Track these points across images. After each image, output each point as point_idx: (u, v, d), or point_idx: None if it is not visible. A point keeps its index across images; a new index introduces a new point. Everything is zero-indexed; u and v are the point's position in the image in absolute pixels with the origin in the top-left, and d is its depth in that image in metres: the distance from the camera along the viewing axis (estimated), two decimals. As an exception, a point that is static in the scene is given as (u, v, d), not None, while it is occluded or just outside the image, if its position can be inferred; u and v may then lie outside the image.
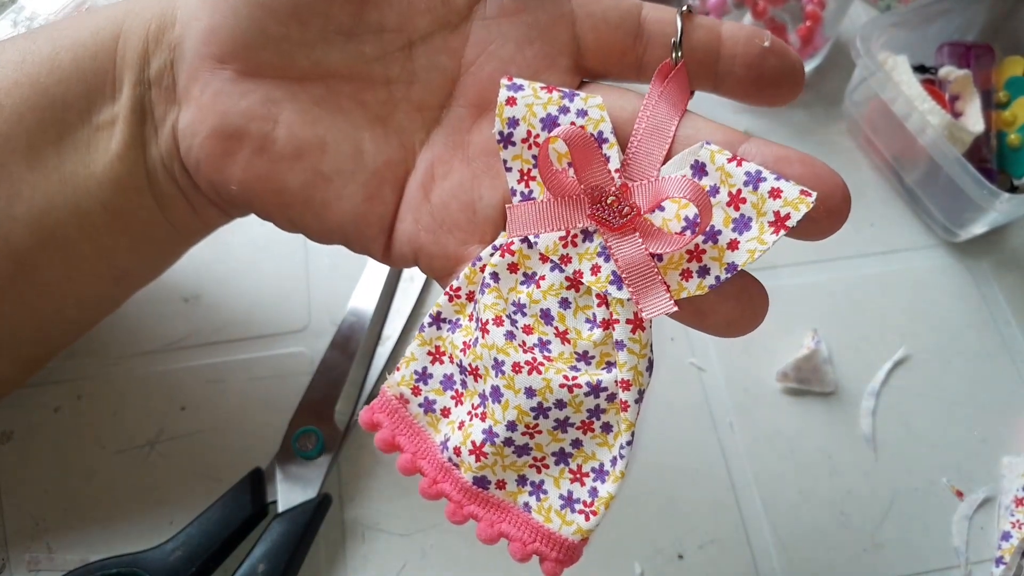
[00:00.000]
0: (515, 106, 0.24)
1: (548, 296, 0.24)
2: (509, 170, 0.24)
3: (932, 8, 0.45)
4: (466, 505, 0.25)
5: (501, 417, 0.23)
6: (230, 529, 0.32)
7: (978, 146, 0.43)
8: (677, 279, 0.22)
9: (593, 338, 0.23)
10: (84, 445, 0.35)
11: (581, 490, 0.24)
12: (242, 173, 0.25)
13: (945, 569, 0.36)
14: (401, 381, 0.25)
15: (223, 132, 0.25)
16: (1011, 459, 0.38)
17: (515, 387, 0.23)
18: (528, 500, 0.24)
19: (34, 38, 0.27)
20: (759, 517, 0.36)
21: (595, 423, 0.24)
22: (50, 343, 0.31)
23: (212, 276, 0.40)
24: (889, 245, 0.45)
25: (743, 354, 0.40)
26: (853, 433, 0.39)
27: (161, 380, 0.37)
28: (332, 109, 0.26)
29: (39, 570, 0.32)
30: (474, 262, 0.25)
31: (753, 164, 0.22)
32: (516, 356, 0.23)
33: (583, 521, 0.24)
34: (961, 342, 0.42)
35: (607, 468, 0.24)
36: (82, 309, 0.30)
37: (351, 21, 0.25)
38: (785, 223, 0.21)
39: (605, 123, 0.23)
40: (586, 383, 0.23)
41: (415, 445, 0.25)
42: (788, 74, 0.23)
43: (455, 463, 0.25)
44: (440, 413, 0.25)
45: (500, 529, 0.24)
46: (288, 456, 0.34)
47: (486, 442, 0.24)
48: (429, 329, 0.25)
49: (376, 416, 0.26)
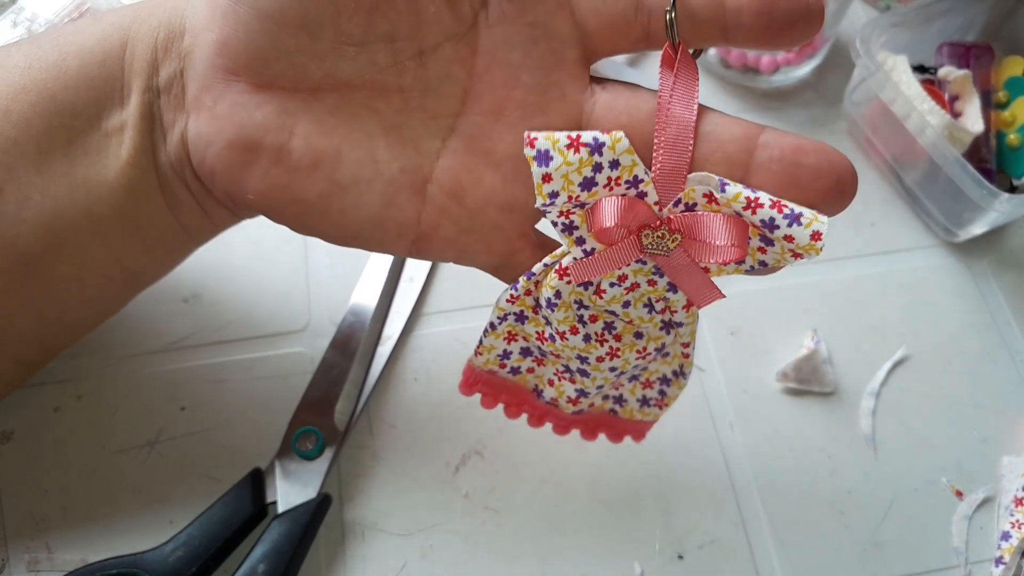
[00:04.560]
0: (551, 181, 0.23)
1: (612, 303, 0.26)
2: (549, 216, 0.25)
3: (932, 8, 0.45)
4: (569, 423, 0.32)
5: (590, 386, 0.28)
6: (230, 529, 0.32)
7: (978, 146, 0.43)
8: (716, 266, 0.25)
9: (654, 321, 0.27)
10: (84, 445, 0.35)
11: (652, 392, 0.31)
12: (259, 184, 0.25)
13: (945, 569, 0.36)
14: (487, 362, 0.29)
15: (239, 144, 0.25)
16: (1011, 459, 0.38)
17: (601, 369, 0.28)
18: (614, 407, 0.32)
19: (40, 44, 0.27)
20: (759, 517, 0.36)
21: (658, 356, 0.29)
22: (53, 343, 0.31)
23: (212, 276, 0.40)
24: (889, 245, 0.44)
25: (743, 354, 0.40)
26: (853, 433, 0.39)
27: (161, 380, 0.37)
28: (346, 119, 0.26)
29: (39, 570, 0.32)
30: (528, 275, 0.26)
31: (767, 211, 0.22)
32: (597, 351, 0.27)
33: (657, 410, 0.32)
34: (961, 342, 0.42)
35: (670, 377, 0.30)
36: (88, 309, 0.30)
37: (361, 31, 0.25)
38: (799, 257, 0.23)
39: (638, 167, 0.23)
40: (653, 349, 0.27)
41: (516, 398, 0.32)
42: (801, 12, 0.22)
43: (554, 405, 0.31)
44: (526, 372, 0.30)
45: (598, 430, 0.33)
46: (288, 456, 0.34)
47: (580, 397, 0.29)
48: (500, 325, 0.28)
49: (474, 386, 0.31)
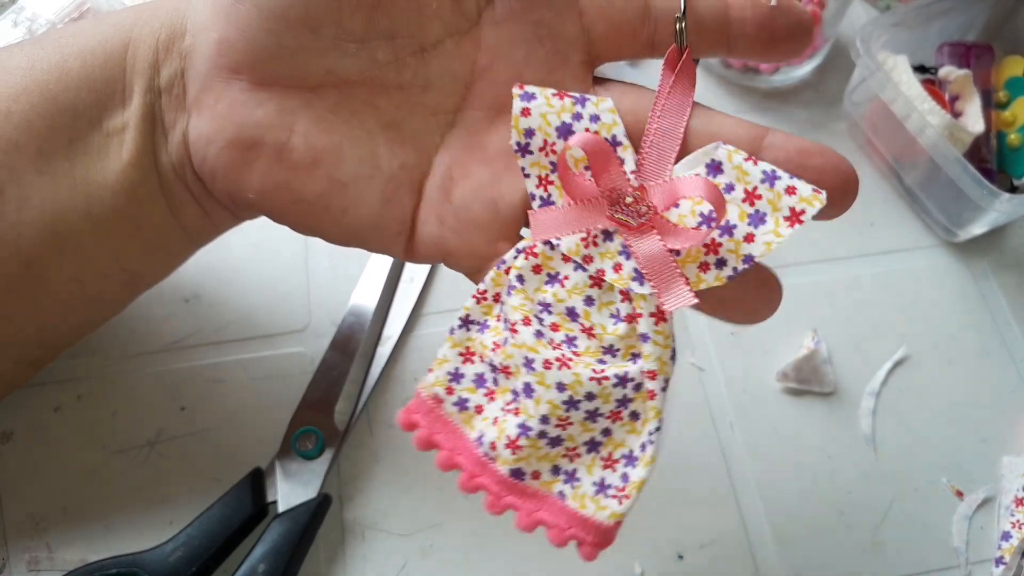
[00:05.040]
0: (530, 116, 0.24)
1: (572, 295, 0.25)
2: (527, 176, 0.25)
3: (932, 8, 0.45)
4: (504, 496, 0.25)
5: (534, 412, 0.24)
6: (230, 529, 0.32)
7: (978, 146, 0.43)
8: (695, 271, 0.23)
9: (618, 332, 0.24)
10: (84, 445, 0.35)
11: (613, 476, 0.25)
12: (260, 182, 0.25)
13: (945, 569, 0.36)
14: (435, 382, 0.26)
15: (240, 142, 0.25)
16: (1011, 459, 0.38)
17: (546, 383, 0.24)
18: (563, 488, 0.25)
19: (41, 45, 0.27)
20: (759, 517, 0.36)
21: (623, 412, 0.25)
22: (54, 344, 0.31)
23: (212, 276, 0.40)
24: (889, 245, 0.44)
25: (743, 354, 0.40)
26: (853, 433, 0.39)
27: (161, 380, 0.37)
28: (347, 116, 0.26)
29: (39, 570, 0.33)
30: (498, 265, 0.25)
31: (768, 163, 0.23)
32: (546, 353, 0.24)
33: (616, 505, 0.24)
34: (961, 342, 0.42)
35: (636, 454, 0.25)
36: (89, 311, 0.30)
37: (363, 28, 0.25)
38: (800, 217, 0.22)
39: (618, 127, 0.24)
40: (614, 375, 0.24)
41: (452, 442, 0.26)
42: (798, 27, 0.24)
43: (491, 457, 0.25)
44: (474, 410, 0.26)
45: (537, 517, 0.25)
46: (288, 456, 0.34)
47: (520, 436, 0.24)
48: (459, 331, 0.26)
49: (413, 416, 0.26)
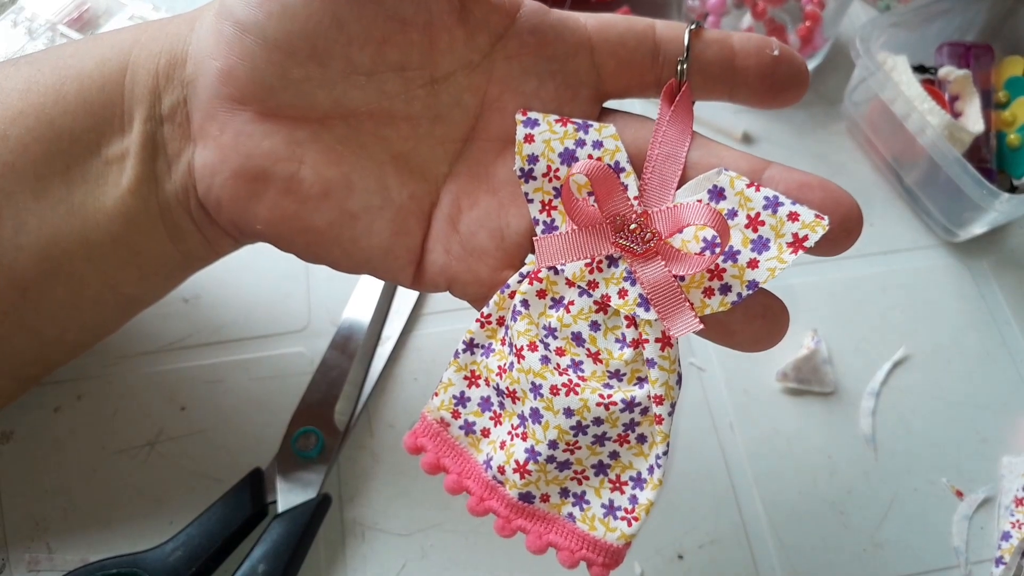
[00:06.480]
0: (533, 143, 0.25)
1: (578, 320, 0.25)
2: (531, 202, 0.25)
3: (932, 8, 0.45)
4: (514, 519, 0.25)
5: (542, 437, 0.24)
6: (230, 529, 0.32)
7: (978, 146, 0.43)
8: (700, 297, 0.23)
9: (624, 357, 0.24)
10: (84, 445, 0.35)
11: (621, 498, 0.25)
12: (268, 214, 0.25)
13: (945, 569, 0.36)
14: (440, 406, 0.26)
15: (247, 174, 0.25)
16: (1011, 459, 0.38)
17: (554, 408, 0.24)
18: (572, 511, 0.25)
19: (39, 66, 0.26)
20: (759, 517, 0.36)
21: (631, 435, 0.25)
22: (50, 362, 0.31)
23: (212, 276, 0.40)
24: (889, 245, 0.45)
25: (743, 355, 0.40)
26: (853, 433, 0.39)
27: (161, 380, 0.37)
28: (356, 147, 0.25)
29: (39, 570, 0.32)
30: (503, 289, 0.25)
31: (770, 189, 0.23)
32: (553, 379, 0.24)
33: (625, 527, 0.25)
34: (961, 342, 0.42)
35: (644, 476, 0.25)
36: (84, 333, 0.30)
37: (372, 61, 0.24)
38: (803, 244, 0.22)
39: (620, 153, 0.24)
40: (620, 400, 0.24)
41: (460, 466, 0.26)
42: (796, 78, 0.25)
43: (500, 481, 0.25)
44: (480, 434, 0.26)
45: (548, 539, 0.25)
46: (288, 456, 0.34)
47: (529, 460, 0.24)
48: (464, 355, 0.26)
49: (420, 440, 0.26)
